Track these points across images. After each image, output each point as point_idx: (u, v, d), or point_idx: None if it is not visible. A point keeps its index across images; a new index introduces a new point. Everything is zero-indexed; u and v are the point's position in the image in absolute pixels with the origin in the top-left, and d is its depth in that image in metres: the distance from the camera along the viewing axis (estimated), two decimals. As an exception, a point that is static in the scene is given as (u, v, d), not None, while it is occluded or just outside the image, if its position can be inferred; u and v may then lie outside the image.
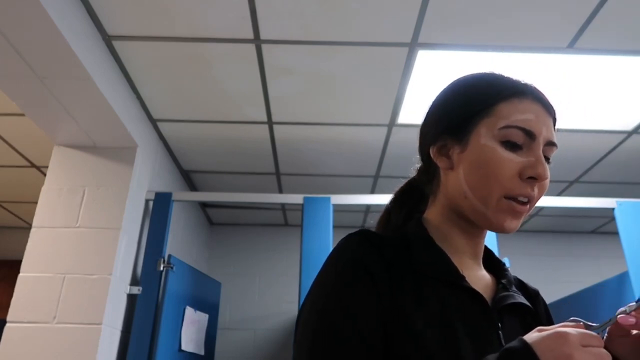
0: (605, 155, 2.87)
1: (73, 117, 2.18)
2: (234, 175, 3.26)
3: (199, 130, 2.70)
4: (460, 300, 0.69)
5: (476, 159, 0.70)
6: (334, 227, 2.50)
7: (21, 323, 2.07)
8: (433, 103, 0.81)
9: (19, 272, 2.16)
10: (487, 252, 0.82)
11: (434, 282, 0.69)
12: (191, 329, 2.59)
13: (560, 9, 1.86)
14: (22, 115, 2.47)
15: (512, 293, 0.74)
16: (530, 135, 0.69)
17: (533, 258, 3.98)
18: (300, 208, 2.53)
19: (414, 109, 2.46)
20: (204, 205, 3.77)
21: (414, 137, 0.83)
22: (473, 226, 0.74)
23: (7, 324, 2.07)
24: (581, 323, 0.60)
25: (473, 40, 2.02)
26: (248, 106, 2.48)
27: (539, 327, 0.59)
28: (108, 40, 2.03)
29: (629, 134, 2.65)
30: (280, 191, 3.45)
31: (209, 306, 2.87)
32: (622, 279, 2.52)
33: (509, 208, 0.68)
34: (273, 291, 3.85)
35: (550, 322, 0.80)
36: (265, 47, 2.07)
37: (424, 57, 2.11)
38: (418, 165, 0.84)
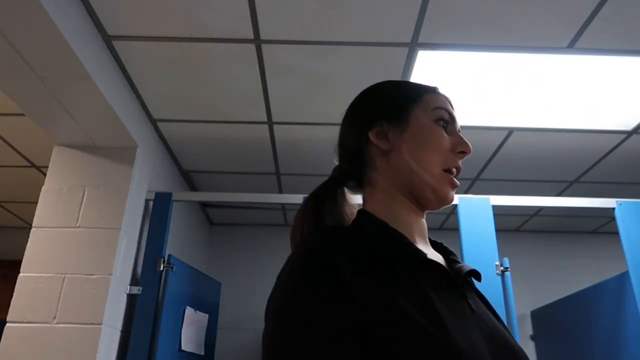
0: (605, 155, 2.87)
1: (73, 117, 2.18)
2: (234, 175, 3.26)
3: (199, 130, 2.70)
4: (429, 275, 0.71)
5: (419, 135, 0.81)
6: (334, 227, 2.50)
7: (21, 323, 2.07)
8: (356, 103, 0.94)
9: (19, 272, 2.16)
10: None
11: (403, 264, 0.70)
12: (191, 329, 2.59)
13: (560, 9, 1.86)
14: (22, 115, 2.47)
15: (463, 264, 0.79)
16: (451, 117, 0.84)
17: (533, 258, 3.97)
18: (300, 208, 2.53)
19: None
20: (204, 205, 3.77)
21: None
22: (418, 205, 0.82)
23: (7, 324, 2.07)
24: None
25: (473, 40, 2.02)
26: (248, 106, 2.48)
27: None
28: (108, 40, 2.03)
29: (629, 134, 2.65)
30: (280, 191, 3.45)
31: (209, 306, 2.87)
32: (622, 279, 2.52)
33: (448, 180, 0.80)
34: (273, 291, 3.85)
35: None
36: (265, 47, 2.07)
37: (424, 57, 2.11)
38: (337, 163, 0.92)
